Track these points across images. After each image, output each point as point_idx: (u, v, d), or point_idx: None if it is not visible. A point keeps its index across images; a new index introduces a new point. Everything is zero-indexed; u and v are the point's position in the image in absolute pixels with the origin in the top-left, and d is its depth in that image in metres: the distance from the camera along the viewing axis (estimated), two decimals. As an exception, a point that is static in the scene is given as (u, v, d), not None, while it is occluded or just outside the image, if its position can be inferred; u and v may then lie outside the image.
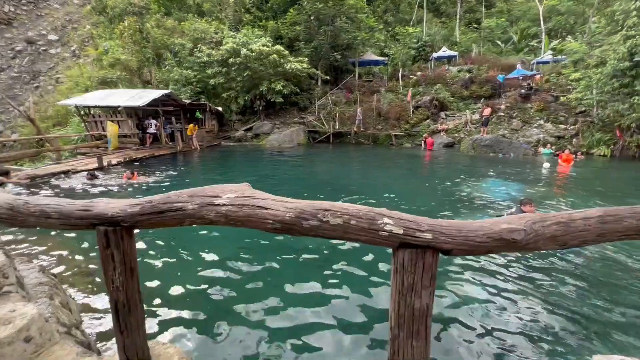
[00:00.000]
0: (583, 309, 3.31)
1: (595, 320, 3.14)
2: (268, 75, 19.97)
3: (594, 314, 3.24)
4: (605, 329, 3.01)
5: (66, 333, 2.10)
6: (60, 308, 2.36)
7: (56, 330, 1.90)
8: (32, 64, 29.36)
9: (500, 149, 15.22)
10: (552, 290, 3.70)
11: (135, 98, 14.65)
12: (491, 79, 21.10)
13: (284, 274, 4.00)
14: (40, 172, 9.25)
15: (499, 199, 7.56)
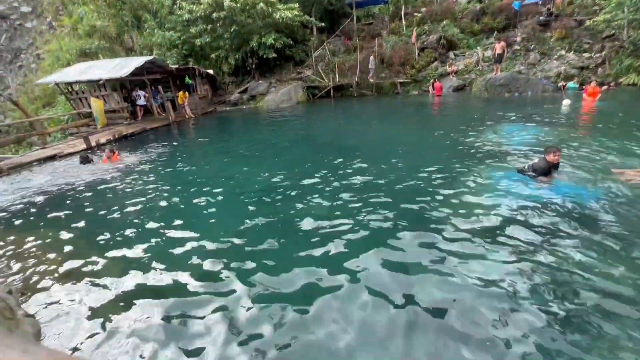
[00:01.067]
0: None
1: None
2: (257, 28, 18.20)
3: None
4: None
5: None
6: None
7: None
8: (11, 42, 27.73)
9: (517, 87, 13.85)
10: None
11: (117, 68, 13.60)
12: (505, 8, 18.72)
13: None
14: (24, 159, 8.79)
15: (517, 146, 6.77)
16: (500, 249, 3.42)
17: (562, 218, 3.89)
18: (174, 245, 4.06)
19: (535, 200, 4.37)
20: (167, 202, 5.54)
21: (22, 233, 4.84)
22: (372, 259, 3.40)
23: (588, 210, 4.01)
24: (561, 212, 4.04)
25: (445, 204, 4.48)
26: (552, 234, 3.60)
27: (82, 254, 4.02)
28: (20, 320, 2.95)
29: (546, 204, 4.27)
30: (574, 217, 3.89)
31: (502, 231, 3.73)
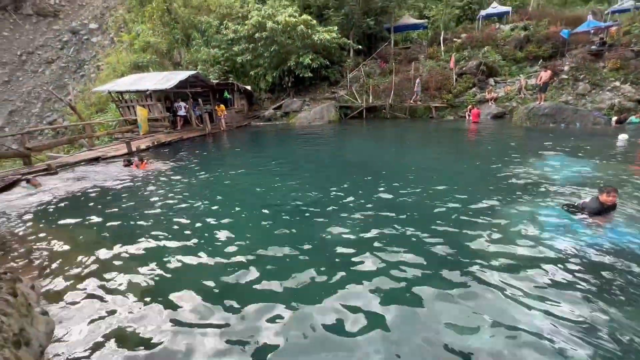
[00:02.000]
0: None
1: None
2: (296, 48, 18.85)
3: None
4: None
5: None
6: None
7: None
8: (77, 54, 30.95)
9: (563, 118, 12.97)
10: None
11: (163, 81, 14.54)
12: (553, 36, 17.98)
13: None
14: (72, 159, 9.44)
15: (563, 182, 6.18)
16: (540, 295, 3.00)
17: (614, 268, 3.39)
18: (193, 255, 4.01)
19: (584, 244, 3.88)
20: (191, 212, 5.59)
21: (56, 230, 5.06)
22: (398, 296, 3.11)
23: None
24: (613, 260, 3.53)
25: (481, 239, 4.09)
26: (600, 286, 3.11)
27: (108, 257, 4.09)
28: (35, 317, 2.97)
29: (596, 248, 3.77)
30: (627, 268, 3.36)
31: (543, 275, 3.30)
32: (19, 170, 8.58)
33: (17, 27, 34.34)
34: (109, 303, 3.22)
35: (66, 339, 2.81)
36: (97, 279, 3.61)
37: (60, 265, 3.93)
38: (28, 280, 3.45)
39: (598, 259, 3.57)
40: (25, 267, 3.97)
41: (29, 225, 5.27)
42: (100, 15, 33.59)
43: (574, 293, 3.04)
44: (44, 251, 4.34)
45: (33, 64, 31.30)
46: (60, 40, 32.40)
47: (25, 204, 6.32)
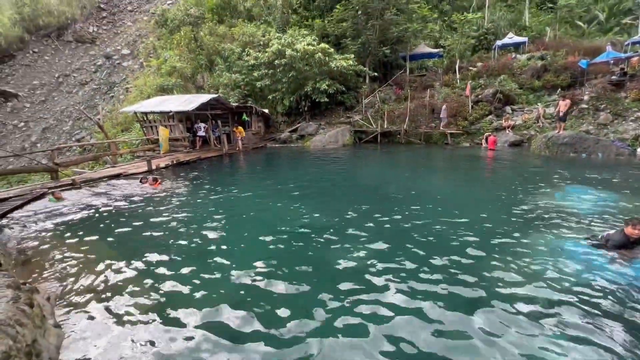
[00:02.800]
0: None
1: None
2: (313, 74, 19.52)
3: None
4: None
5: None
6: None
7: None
8: (109, 76, 33.05)
9: (584, 148, 12.65)
10: None
11: (186, 103, 15.24)
12: (571, 66, 17.92)
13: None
14: (95, 175, 9.85)
15: (585, 214, 5.94)
16: (562, 332, 2.81)
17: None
18: (205, 274, 4.03)
19: (610, 279, 3.67)
20: (203, 233, 5.65)
21: (75, 243, 5.22)
22: (411, 331, 3.00)
23: None
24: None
25: (498, 272, 3.93)
26: (626, 325, 2.90)
27: (121, 273, 4.15)
28: (47, 329, 3.02)
29: (621, 284, 3.55)
30: None
31: (566, 312, 3.11)
32: (46, 184, 9.00)
33: (57, 52, 37.25)
34: (119, 320, 3.24)
35: (74, 353, 2.82)
36: (110, 295, 3.66)
37: (76, 279, 4.02)
38: (45, 291, 3.53)
39: (623, 295, 3.35)
40: (43, 278, 4.08)
41: (50, 237, 5.46)
42: (133, 42, 36.08)
43: (597, 331, 2.85)
44: (61, 263, 4.46)
45: (68, 85, 33.57)
46: (95, 64, 34.81)
47: (48, 217, 6.58)
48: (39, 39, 37.52)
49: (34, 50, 36.73)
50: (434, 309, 3.22)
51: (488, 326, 2.95)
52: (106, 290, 3.74)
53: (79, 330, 3.12)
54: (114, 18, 40.82)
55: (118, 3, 42.68)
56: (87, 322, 3.22)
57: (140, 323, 3.17)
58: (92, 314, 3.34)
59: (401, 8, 21.08)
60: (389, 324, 3.04)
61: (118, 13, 41.46)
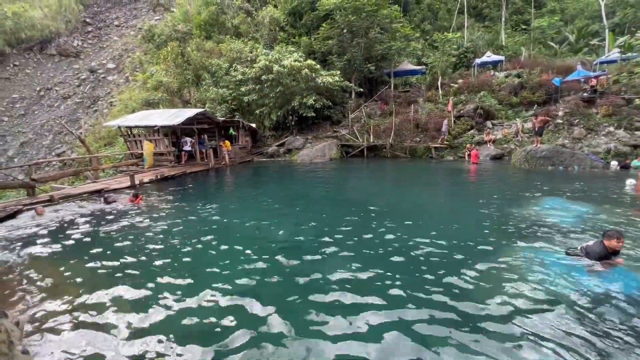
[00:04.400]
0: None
1: None
2: (300, 90, 19.81)
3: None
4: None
5: None
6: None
7: None
8: (93, 90, 32.55)
9: (561, 161, 13.18)
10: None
11: (172, 117, 15.12)
12: (545, 83, 18.89)
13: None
14: (74, 191, 9.54)
15: (564, 225, 6.13)
16: (540, 342, 2.85)
17: (618, 314, 3.26)
18: (184, 295, 3.91)
19: (588, 290, 3.76)
20: (184, 250, 5.53)
21: (49, 262, 4.99)
22: (397, 345, 2.98)
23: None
24: (619, 306, 3.40)
25: (479, 284, 3.99)
26: (604, 335, 2.97)
27: (98, 295, 3.96)
28: (15, 356, 2.84)
29: (601, 295, 3.65)
30: (633, 315, 3.24)
31: (545, 322, 3.16)
32: (22, 201, 8.65)
33: (39, 65, 36.59)
34: (92, 344, 3.08)
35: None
36: (84, 318, 3.49)
37: (48, 301, 3.82)
38: (15, 314, 3.34)
39: (603, 306, 3.44)
40: (13, 300, 3.86)
41: (21, 257, 5.21)
42: (119, 56, 35.85)
43: (575, 341, 2.90)
44: (33, 285, 4.25)
45: (50, 99, 32.84)
46: (78, 78, 34.29)
47: (21, 235, 6.29)
48: (21, 52, 36.85)
49: (15, 63, 35.99)
50: (415, 326, 3.21)
51: (464, 339, 2.96)
52: (79, 314, 3.56)
53: (48, 356, 2.95)
54: (100, 32, 40.63)
55: (104, 18, 42.62)
56: (58, 348, 3.05)
57: (114, 350, 3.02)
58: (63, 338, 3.17)
59: (385, 27, 21.88)
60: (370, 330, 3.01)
61: (104, 28, 41.33)
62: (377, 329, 3.16)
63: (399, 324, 3.23)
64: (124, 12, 43.50)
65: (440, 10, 31.58)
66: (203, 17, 27.53)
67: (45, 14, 38.34)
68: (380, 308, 3.51)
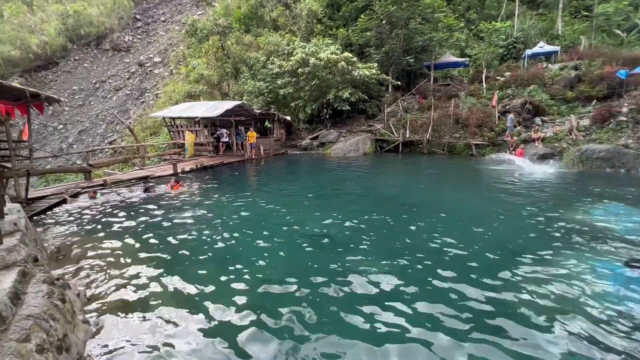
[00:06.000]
0: None
1: None
2: (336, 83, 19.65)
3: None
4: None
5: None
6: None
7: None
8: (141, 83, 34.73)
9: (623, 163, 11.91)
10: None
11: (211, 109, 15.73)
12: (607, 76, 17.04)
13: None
14: (124, 176, 10.30)
15: (626, 234, 5.54)
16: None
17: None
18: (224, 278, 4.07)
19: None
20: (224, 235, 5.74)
21: (105, 240, 5.44)
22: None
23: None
24: None
25: (529, 294, 3.71)
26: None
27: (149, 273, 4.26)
28: (77, 325, 3.13)
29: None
30: None
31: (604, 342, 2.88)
32: (80, 184, 9.50)
33: (95, 59, 39.66)
34: (144, 318, 3.32)
35: (100, 349, 2.91)
36: (135, 294, 3.76)
37: (105, 277, 4.17)
38: (75, 287, 3.68)
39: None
40: (74, 274, 4.26)
41: (81, 235, 5.72)
42: (164, 50, 37.84)
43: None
44: (92, 261, 4.65)
45: (104, 90, 35.56)
46: (128, 71, 36.73)
47: (81, 215, 6.91)
48: (80, 48, 40.12)
49: (75, 58, 39.28)
50: (453, 333, 3.08)
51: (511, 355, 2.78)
52: (132, 289, 3.85)
53: (105, 327, 3.22)
54: (148, 28, 43.08)
55: (152, 14, 45.07)
56: (113, 319, 3.32)
57: (163, 323, 3.22)
58: (118, 312, 3.44)
59: (426, 17, 20.94)
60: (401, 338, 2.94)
61: (152, 23, 43.74)
62: (403, 330, 3.07)
63: (427, 332, 3.11)
64: (170, 8, 45.67)
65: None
66: (243, 10, 28.14)
67: (101, 11, 41.36)
68: (413, 312, 3.41)
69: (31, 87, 31.03)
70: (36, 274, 3.07)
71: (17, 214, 4.14)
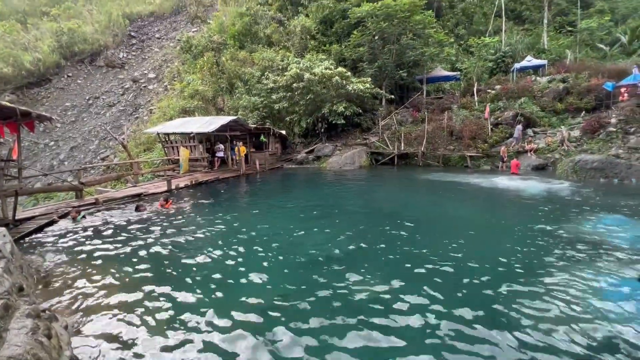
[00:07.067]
0: None
1: None
2: (330, 97, 19.82)
3: None
4: None
5: None
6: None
7: None
8: (135, 99, 34.68)
9: (616, 173, 12.06)
10: None
11: (206, 125, 15.64)
12: (594, 88, 17.51)
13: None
14: (117, 194, 10.06)
15: (626, 246, 5.50)
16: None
17: None
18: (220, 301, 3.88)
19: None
20: (219, 256, 5.55)
21: (94, 265, 5.20)
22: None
23: None
24: None
25: (532, 311, 3.61)
26: None
27: (140, 301, 4.04)
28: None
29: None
30: None
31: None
32: (71, 203, 9.24)
33: (89, 76, 39.64)
34: (135, 351, 3.11)
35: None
36: (127, 325, 3.54)
37: (94, 306, 3.95)
38: (63, 319, 3.46)
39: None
40: (62, 302, 4.03)
41: (70, 259, 5.47)
42: (159, 66, 38.03)
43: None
44: (81, 288, 4.42)
45: (97, 106, 35.39)
46: (122, 87, 36.72)
47: (70, 238, 6.66)
48: (74, 64, 40.13)
49: (68, 74, 39.22)
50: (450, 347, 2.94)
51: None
52: (123, 319, 3.64)
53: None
54: (143, 45, 43.39)
55: (147, 31, 45.51)
56: (103, 354, 3.10)
57: (156, 353, 3.02)
58: (107, 345, 3.22)
59: (417, 33, 21.44)
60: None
61: (147, 40, 44.10)
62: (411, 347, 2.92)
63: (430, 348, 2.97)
64: (165, 25, 46.22)
65: (476, 14, 30.50)
66: (237, 27, 28.54)
67: (96, 29, 41.68)
68: (417, 328, 3.26)
69: (23, 103, 30.56)
70: (20, 306, 2.87)
71: (3, 238, 3.94)
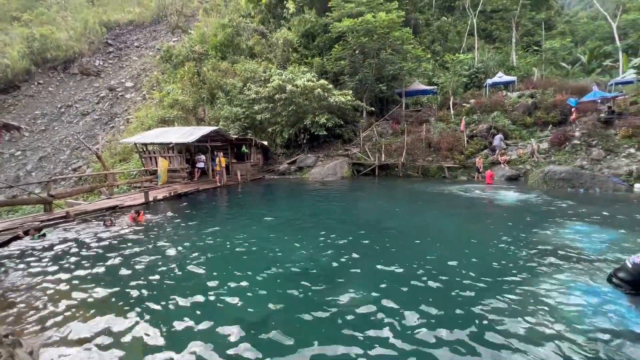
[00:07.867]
0: None
1: None
2: (312, 109, 20.04)
3: None
4: None
5: None
6: None
7: None
8: (111, 107, 33.61)
9: (581, 183, 12.80)
10: None
11: (187, 135, 15.38)
12: (559, 104, 18.70)
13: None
14: (90, 207, 9.62)
15: (594, 252, 5.82)
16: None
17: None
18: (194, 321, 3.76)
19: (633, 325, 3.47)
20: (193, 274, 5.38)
21: (61, 284, 4.92)
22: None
23: None
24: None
25: (507, 317, 3.73)
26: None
27: (116, 320, 3.85)
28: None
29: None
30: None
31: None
32: (38, 217, 8.74)
33: (62, 83, 38.16)
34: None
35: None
36: (98, 349, 3.35)
37: (62, 327, 3.71)
38: (28, 343, 3.24)
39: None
40: (27, 325, 3.77)
41: (37, 278, 5.15)
42: (137, 75, 37.19)
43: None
44: (47, 309, 4.15)
45: (70, 115, 33.99)
46: (98, 96, 35.54)
47: (36, 255, 6.28)
48: (45, 71, 38.56)
49: (39, 81, 37.60)
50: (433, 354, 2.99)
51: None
52: (92, 342, 3.44)
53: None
54: (120, 53, 42.39)
55: (125, 39, 44.57)
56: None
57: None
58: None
59: (396, 48, 22.22)
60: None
61: (125, 48, 43.14)
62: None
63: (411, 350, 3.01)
64: (144, 34, 45.47)
65: (450, 32, 32.05)
66: (219, 38, 28.53)
67: (71, 35, 40.40)
68: (394, 336, 3.29)
69: (-13, 112, 28.72)
70: (-20, 330, 2.66)
71: (-38, 257, 3.67)
